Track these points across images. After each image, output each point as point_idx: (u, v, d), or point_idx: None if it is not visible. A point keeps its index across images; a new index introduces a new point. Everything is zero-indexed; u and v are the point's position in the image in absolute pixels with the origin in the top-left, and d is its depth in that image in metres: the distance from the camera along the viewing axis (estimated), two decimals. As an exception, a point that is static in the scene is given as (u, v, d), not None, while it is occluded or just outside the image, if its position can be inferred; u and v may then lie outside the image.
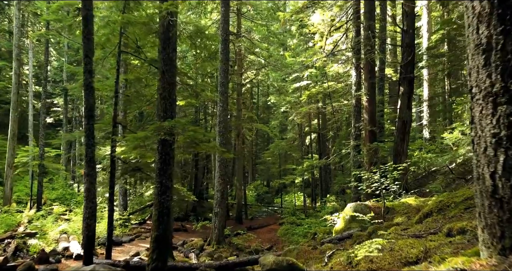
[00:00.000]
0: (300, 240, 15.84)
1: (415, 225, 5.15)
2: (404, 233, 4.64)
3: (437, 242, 3.39)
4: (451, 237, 3.42)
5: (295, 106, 24.70)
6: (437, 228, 4.27)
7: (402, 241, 3.82)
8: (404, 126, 12.17)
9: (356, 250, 4.00)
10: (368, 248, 3.45)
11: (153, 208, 6.88)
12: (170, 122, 6.46)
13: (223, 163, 14.41)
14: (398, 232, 4.83)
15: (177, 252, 13.35)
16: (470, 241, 3.06)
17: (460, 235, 3.35)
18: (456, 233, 3.42)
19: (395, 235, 4.64)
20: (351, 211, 8.55)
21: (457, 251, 2.77)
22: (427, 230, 4.44)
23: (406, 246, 3.50)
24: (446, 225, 4.31)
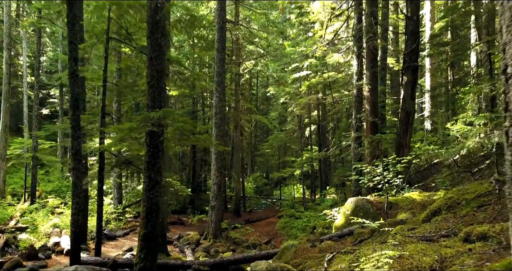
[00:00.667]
0: (299, 233, 15.49)
1: (423, 225, 4.72)
2: (412, 233, 4.21)
3: (453, 248, 2.96)
4: (470, 243, 2.99)
5: (295, 97, 24.18)
6: (449, 230, 3.84)
7: (412, 245, 3.40)
8: (408, 117, 11.70)
9: (360, 255, 3.57)
10: (377, 262, 3.01)
11: (141, 204, 6.47)
12: (158, 113, 6.00)
13: (220, 155, 13.98)
14: (404, 233, 4.40)
15: (172, 247, 13.00)
16: (496, 250, 2.62)
17: (481, 241, 2.92)
18: (475, 238, 2.99)
19: (402, 237, 4.22)
20: (352, 206, 8.14)
21: (482, 263, 2.34)
22: (438, 231, 4.01)
23: (417, 252, 3.07)
24: (459, 226, 3.88)
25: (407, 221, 6.15)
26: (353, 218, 8.01)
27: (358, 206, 8.03)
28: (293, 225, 16.43)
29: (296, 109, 23.80)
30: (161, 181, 6.57)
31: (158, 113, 6.05)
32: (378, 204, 7.96)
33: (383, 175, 7.80)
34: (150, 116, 6.00)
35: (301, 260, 6.09)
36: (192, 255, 11.54)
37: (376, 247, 3.83)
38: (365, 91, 12.40)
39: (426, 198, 7.63)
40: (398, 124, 12.31)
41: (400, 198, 8.11)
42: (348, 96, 18.92)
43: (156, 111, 6.10)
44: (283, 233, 16.53)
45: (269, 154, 29.22)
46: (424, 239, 3.68)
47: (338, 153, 14.16)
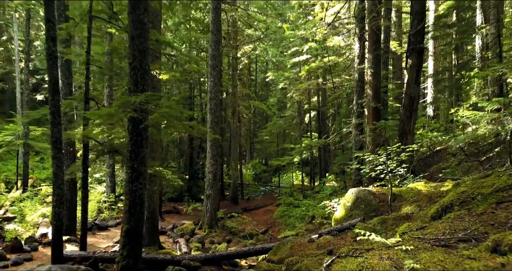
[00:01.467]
0: (297, 223, 15.09)
1: (434, 223, 4.19)
2: (422, 234, 3.68)
3: (479, 261, 2.43)
4: (501, 255, 2.45)
5: (294, 83, 23.51)
6: (467, 232, 3.31)
7: (427, 254, 2.87)
8: (412, 103, 11.10)
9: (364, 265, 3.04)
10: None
11: (124, 197, 5.94)
12: (139, 97, 5.41)
13: (215, 142, 13.42)
14: (413, 233, 3.87)
15: (166, 237, 12.58)
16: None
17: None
18: (507, 249, 2.45)
19: (411, 238, 3.69)
20: (353, 197, 7.63)
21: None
22: (453, 232, 3.48)
23: (434, 264, 2.54)
24: (478, 226, 3.35)
25: (414, 216, 5.63)
26: (354, 211, 7.52)
27: (359, 198, 7.52)
28: (291, 214, 16.02)
29: (295, 95, 23.14)
30: (146, 171, 6.03)
31: (139, 98, 5.46)
32: (381, 196, 7.45)
33: (386, 165, 7.25)
34: (131, 101, 5.41)
35: (298, 258, 5.59)
36: (186, 246, 11.10)
37: (383, 253, 3.30)
38: (367, 75, 11.77)
39: (433, 189, 7.11)
40: (401, 110, 11.71)
41: (404, 189, 7.59)
42: (349, 81, 18.26)
43: (137, 95, 5.51)
44: (281, 222, 16.12)
45: (267, 140, 28.69)
46: (438, 243, 3.15)
47: (338, 140, 13.61)
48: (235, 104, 20.54)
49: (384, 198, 7.37)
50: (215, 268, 7.30)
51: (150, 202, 10.38)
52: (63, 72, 11.14)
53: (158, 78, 10.30)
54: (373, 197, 7.41)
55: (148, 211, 10.35)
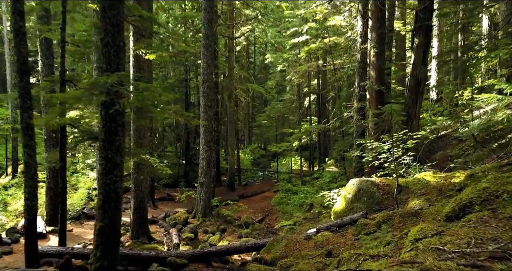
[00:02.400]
0: (295, 211, 14.54)
1: (452, 226, 3.52)
2: (441, 244, 3.02)
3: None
4: None
5: (293, 65, 22.62)
6: (501, 245, 2.65)
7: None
8: (418, 85, 10.37)
9: None
10: None
11: (97, 191, 5.30)
12: (111, 78, 4.67)
13: (209, 128, 12.72)
14: (430, 241, 3.21)
15: (157, 227, 12.03)
16: None
17: None
18: None
19: (426, 248, 3.04)
20: (355, 189, 6.99)
21: None
22: (480, 243, 2.82)
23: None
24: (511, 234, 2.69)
25: (424, 213, 4.98)
26: (356, 204, 6.89)
27: (361, 189, 6.88)
28: (289, 201, 15.45)
29: (294, 77, 22.29)
30: (122, 162, 5.35)
31: (111, 79, 4.72)
32: (385, 187, 6.80)
33: (392, 153, 6.57)
34: (99, 82, 4.68)
35: (293, 260, 4.97)
36: (177, 237, 10.54)
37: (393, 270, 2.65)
38: (371, 55, 10.98)
39: (443, 181, 6.46)
40: (406, 93, 10.98)
41: (410, 180, 6.94)
42: (351, 63, 17.41)
43: (108, 75, 4.78)
44: (279, 209, 15.58)
45: (266, 125, 27.95)
46: (465, 261, 2.49)
47: (338, 125, 12.91)
48: (231, 88, 19.73)
49: (389, 189, 6.73)
50: (204, 266, 6.72)
51: (138, 192, 9.76)
52: (43, 52, 10.36)
53: (144, 59, 9.51)
54: (377, 188, 6.77)
55: (136, 201, 9.76)
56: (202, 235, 11.84)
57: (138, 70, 9.56)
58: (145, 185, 9.91)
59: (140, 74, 9.58)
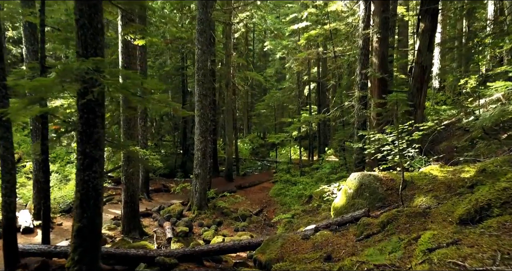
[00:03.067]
0: (294, 202, 14.16)
1: (469, 233, 3.07)
2: (460, 258, 2.57)
3: None
4: None
5: (292, 52, 21.99)
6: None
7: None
8: (423, 72, 9.85)
9: None
10: None
11: (75, 189, 4.84)
12: (85, 63, 4.17)
13: (204, 117, 12.23)
14: (446, 253, 2.76)
15: (151, 220, 11.64)
16: None
17: None
18: None
19: (442, 263, 2.59)
20: (356, 183, 6.54)
21: None
22: (508, 259, 2.38)
23: None
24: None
25: (433, 214, 4.54)
26: (357, 200, 6.45)
27: (363, 184, 6.43)
28: (287, 192, 15.06)
29: (294, 65, 21.68)
30: (102, 157, 4.87)
31: (86, 64, 4.22)
32: (389, 182, 6.35)
33: (398, 146, 6.10)
34: (73, 68, 4.18)
35: (288, 264, 4.55)
36: (171, 231, 10.15)
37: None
38: (374, 41, 10.42)
39: (451, 175, 6.00)
40: (410, 81, 10.47)
41: (416, 174, 6.48)
42: (352, 50, 16.81)
43: (83, 61, 4.27)
44: (277, 200, 15.21)
45: (265, 114, 27.42)
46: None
47: (339, 115, 12.41)
48: (229, 75, 19.16)
49: (393, 185, 6.28)
50: (195, 266, 6.32)
51: (128, 184, 9.33)
52: (27, 38, 9.80)
53: (134, 45, 8.96)
54: (380, 183, 6.32)
55: (126, 194, 9.34)
56: (197, 229, 11.47)
57: (128, 57, 9.02)
58: (136, 178, 9.48)
59: (130, 61, 9.05)
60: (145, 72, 14.46)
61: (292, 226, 11.04)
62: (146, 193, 14.51)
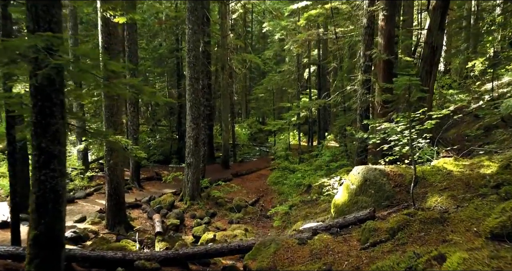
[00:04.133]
0: (292, 191, 13.50)
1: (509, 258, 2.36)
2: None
3: None
4: None
5: (292, 33, 20.97)
6: None
7: None
8: (433, 54, 9.01)
9: None
10: None
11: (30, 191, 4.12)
12: (33, 40, 3.38)
13: (196, 102, 11.43)
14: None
15: (140, 212, 11.01)
16: None
17: None
18: None
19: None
20: (360, 179, 5.82)
21: None
22: None
23: None
24: None
25: (453, 220, 3.83)
26: (361, 197, 5.74)
27: (368, 180, 5.71)
28: (285, 181, 14.40)
29: (293, 47, 20.65)
30: (62, 152, 4.13)
31: (34, 41, 3.42)
32: (397, 178, 5.63)
33: (410, 137, 5.36)
34: (14, 45, 3.39)
35: (281, 278, 3.87)
36: (160, 224, 9.51)
37: None
38: (379, 20, 9.53)
39: (468, 170, 5.28)
40: (419, 63, 9.65)
41: (428, 168, 5.75)
42: (356, 30, 15.85)
43: (31, 37, 3.48)
44: (274, 189, 14.58)
45: (263, 98, 26.51)
46: None
47: (340, 100, 11.61)
48: (225, 58, 18.24)
49: (401, 181, 5.56)
50: (178, 270, 5.66)
51: (112, 176, 8.64)
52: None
53: (114, 23, 8.10)
54: (387, 179, 5.59)
55: (110, 186, 8.65)
56: (189, 220, 10.86)
57: (108, 36, 8.17)
58: (120, 168, 8.77)
59: (110, 41, 8.21)
60: (134, 54, 13.58)
61: (289, 219, 10.41)
62: (137, 182, 13.84)
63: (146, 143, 23.57)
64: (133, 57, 13.25)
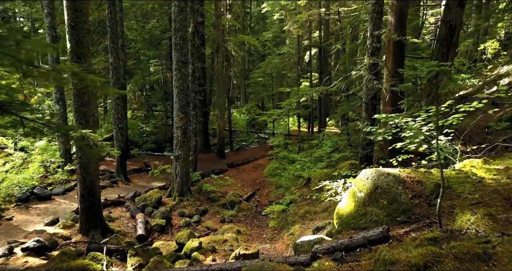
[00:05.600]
0: (290, 185, 12.54)
1: None
2: None
3: None
4: None
5: (291, 13, 19.62)
6: None
7: None
8: (451, 34, 7.84)
9: None
10: None
11: None
12: None
13: (184, 89, 10.32)
14: None
15: (123, 210, 10.04)
16: None
17: None
18: None
19: None
20: (370, 186, 4.79)
21: None
22: None
23: None
24: None
25: (501, 258, 2.81)
26: (371, 208, 4.72)
27: (379, 187, 4.67)
28: (283, 173, 13.42)
29: (293, 28, 19.35)
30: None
31: None
32: (415, 186, 4.58)
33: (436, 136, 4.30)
34: None
35: None
36: (143, 226, 8.60)
37: None
38: (390, -6, 8.32)
39: (505, 178, 4.24)
40: (434, 44, 8.50)
41: (452, 174, 4.70)
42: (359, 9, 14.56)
43: None
44: (272, 181, 13.61)
45: (261, 82, 25.28)
46: None
47: (344, 86, 10.47)
48: (219, 39, 16.98)
49: (421, 190, 4.52)
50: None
51: (85, 174, 7.62)
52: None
53: None
54: (402, 187, 4.55)
55: (83, 186, 7.65)
56: (177, 219, 9.93)
57: (75, 13, 7.01)
58: (93, 166, 7.73)
59: (78, 18, 7.05)
60: (116, 35, 12.37)
61: (287, 218, 9.46)
62: (123, 175, 12.85)
63: (139, 130, 22.56)
64: (115, 39, 12.04)
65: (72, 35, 7.11)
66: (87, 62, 7.41)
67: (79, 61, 7.20)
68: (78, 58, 7.21)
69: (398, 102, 8.25)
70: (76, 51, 7.18)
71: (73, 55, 7.19)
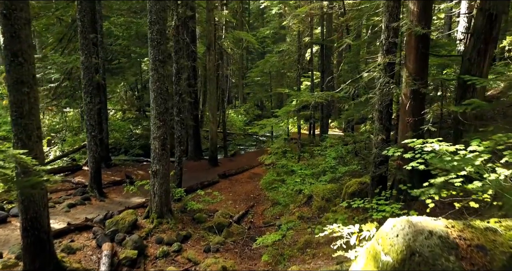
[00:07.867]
0: (289, 201, 10.97)
1: None
2: None
3: None
4: None
5: (291, 6, 17.98)
6: None
7: None
8: (490, 25, 6.24)
9: None
10: None
11: None
12: None
13: (163, 92, 8.73)
14: None
15: (89, 238, 8.44)
16: None
17: None
18: None
19: None
20: (401, 246, 3.18)
21: None
22: None
23: None
24: None
25: None
26: None
27: (417, 254, 3.06)
28: (280, 188, 11.79)
29: (293, 23, 17.68)
30: None
31: None
32: (475, 255, 2.97)
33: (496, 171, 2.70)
34: None
35: None
36: (108, 262, 7.06)
37: None
38: (411, -23, 6.69)
39: None
40: (467, 39, 6.88)
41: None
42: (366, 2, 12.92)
43: None
44: (268, 196, 12.04)
45: (259, 82, 23.63)
46: None
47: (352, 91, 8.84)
48: (211, 35, 15.37)
49: (485, 263, 2.91)
50: None
51: (27, 203, 6.05)
52: None
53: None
54: (455, 258, 2.95)
55: (25, 218, 6.08)
56: (154, 248, 8.37)
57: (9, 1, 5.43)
58: (40, 192, 6.14)
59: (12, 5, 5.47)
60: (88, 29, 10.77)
61: (283, 250, 7.87)
62: (97, 189, 11.24)
63: (128, 133, 21.04)
64: (86, 34, 10.44)
65: (6, 27, 5.52)
66: (29, 62, 5.82)
67: (16, 60, 5.63)
68: (15, 56, 5.63)
69: (421, 111, 6.66)
70: (11, 47, 5.59)
71: (8, 52, 5.60)
